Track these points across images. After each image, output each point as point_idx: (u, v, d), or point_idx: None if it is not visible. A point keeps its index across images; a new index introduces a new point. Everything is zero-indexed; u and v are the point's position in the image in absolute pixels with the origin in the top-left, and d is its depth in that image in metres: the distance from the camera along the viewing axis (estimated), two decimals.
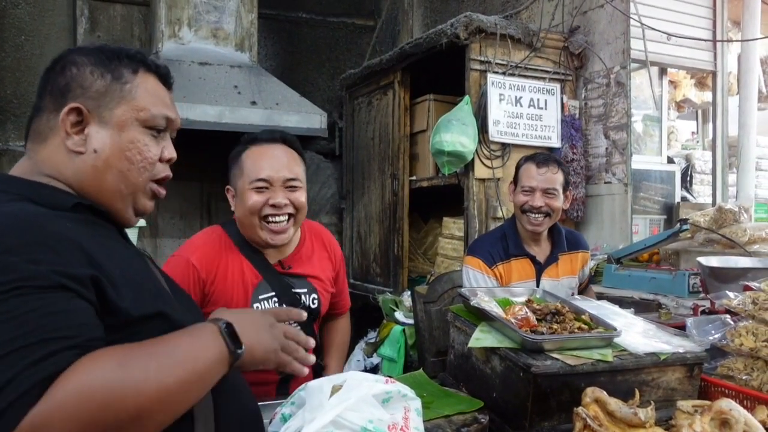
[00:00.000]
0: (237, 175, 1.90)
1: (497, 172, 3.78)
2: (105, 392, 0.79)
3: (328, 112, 4.99)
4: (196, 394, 0.93)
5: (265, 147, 1.91)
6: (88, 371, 0.79)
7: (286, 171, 1.88)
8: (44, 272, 0.85)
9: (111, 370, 0.81)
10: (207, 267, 1.86)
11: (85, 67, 1.08)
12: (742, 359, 1.72)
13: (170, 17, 4.44)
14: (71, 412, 0.77)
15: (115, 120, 1.07)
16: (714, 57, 4.39)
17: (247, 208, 1.85)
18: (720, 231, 3.05)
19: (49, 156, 1.07)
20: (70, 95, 1.06)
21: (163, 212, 5.20)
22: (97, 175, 1.06)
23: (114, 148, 1.07)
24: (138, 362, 0.84)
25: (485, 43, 3.78)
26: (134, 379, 0.82)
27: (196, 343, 0.94)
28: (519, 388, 1.49)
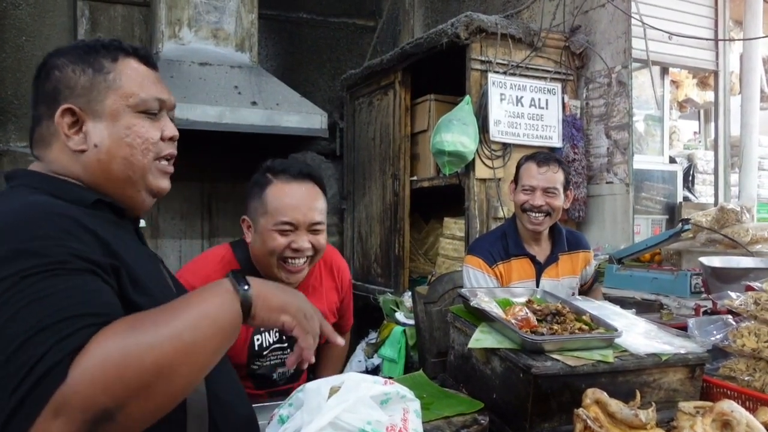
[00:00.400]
0: (259, 210, 1.81)
1: (498, 172, 3.77)
2: (121, 353, 0.81)
3: (328, 113, 4.98)
4: (215, 342, 0.92)
5: (293, 185, 1.81)
6: (104, 339, 0.82)
7: (312, 213, 1.81)
8: (74, 257, 0.88)
9: (124, 333, 0.83)
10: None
11: (66, 67, 1.09)
12: (744, 360, 1.70)
13: (170, 18, 4.44)
14: (94, 377, 0.79)
15: (107, 111, 1.08)
16: (716, 56, 4.37)
17: (268, 249, 1.79)
18: (722, 231, 3.04)
19: (56, 158, 1.09)
20: (60, 97, 1.07)
21: (164, 213, 5.20)
22: (104, 167, 1.08)
23: (113, 138, 1.08)
24: (147, 321, 0.86)
25: (486, 42, 3.77)
26: (146, 336, 0.84)
27: (203, 293, 0.95)
28: (519, 389, 1.48)
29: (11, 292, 0.83)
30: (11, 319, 0.82)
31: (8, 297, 0.83)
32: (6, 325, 0.82)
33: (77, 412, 0.78)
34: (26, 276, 0.84)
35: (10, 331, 0.81)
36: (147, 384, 0.82)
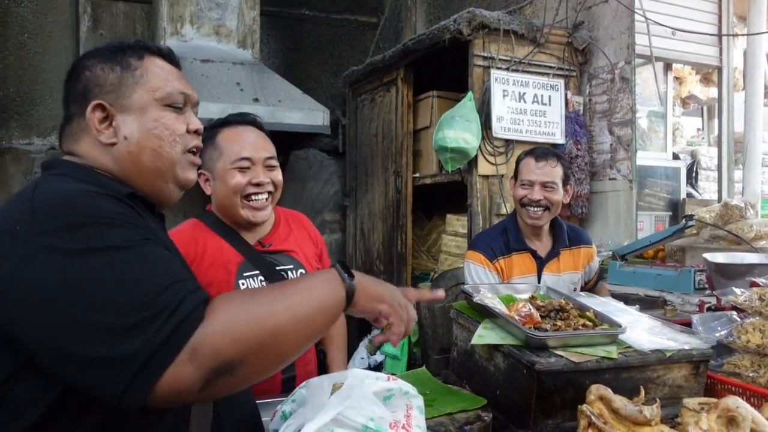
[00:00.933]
0: (214, 156, 1.90)
1: (501, 169, 3.75)
2: (247, 315, 0.91)
3: (331, 110, 4.97)
4: (320, 321, 1.01)
5: (240, 128, 1.95)
6: (228, 301, 0.93)
7: (264, 151, 1.93)
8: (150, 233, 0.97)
9: (247, 300, 0.94)
10: (183, 250, 1.78)
11: (95, 66, 1.13)
12: (748, 356, 1.69)
13: (172, 14, 4.43)
14: (223, 329, 0.88)
15: (136, 105, 1.12)
16: (719, 52, 4.36)
17: (230, 187, 1.88)
18: (726, 227, 3.03)
19: (86, 152, 1.13)
20: (91, 95, 1.12)
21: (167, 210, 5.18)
22: (134, 158, 1.12)
23: (142, 130, 1.12)
24: (265, 293, 0.98)
25: (488, 38, 3.76)
26: (267, 305, 0.94)
27: (314, 279, 1.05)
28: (522, 385, 1.48)
29: (122, 254, 0.90)
30: (133, 277, 0.88)
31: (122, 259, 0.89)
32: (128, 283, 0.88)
33: (207, 359, 0.86)
34: (130, 243, 0.91)
35: (136, 290, 0.87)
36: (264, 344, 0.92)
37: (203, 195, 1.97)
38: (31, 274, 0.87)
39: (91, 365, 0.85)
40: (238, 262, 1.90)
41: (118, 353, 0.83)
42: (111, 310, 0.85)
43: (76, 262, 0.87)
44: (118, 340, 0.83)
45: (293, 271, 1.96)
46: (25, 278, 0.87)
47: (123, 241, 0.91)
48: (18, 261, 0.88)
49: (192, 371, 0.85)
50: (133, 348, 0.83)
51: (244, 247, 1.94)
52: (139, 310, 0.85)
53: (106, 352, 0.83)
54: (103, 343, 0.83)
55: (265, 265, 1.93)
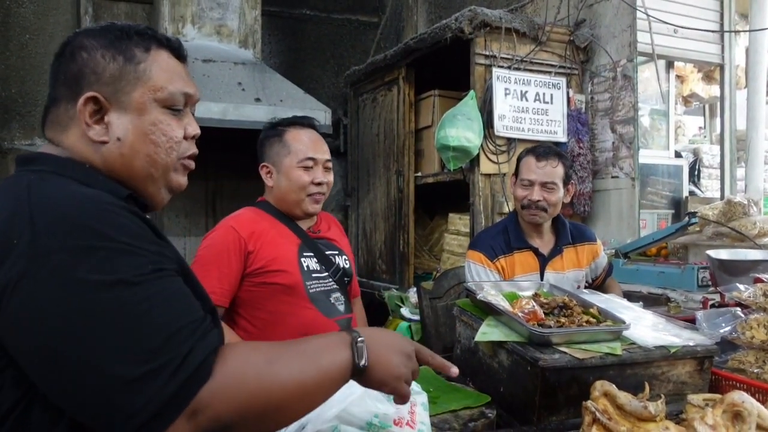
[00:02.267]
0: (282, 153, 2.11)
1: (503, 167, 3.75)
2: (257, 383, 0.87)
3: (332, 110, 4.96)
4: (324, 396, 0.98)
5: (306, 130, 2.16)
6: (242, 361, 0.88)
7: (326, 153, 2.16)
8: (162, 257, 0.91)
9: (262, 365, 0.89)
10: (247, 228, 2.03)
11: (96, 50, 1.02)
12: (753, 352, 1.69)
13: (174, 14, 4.43)
14: (229, 394, 0.84)
15: (134, 104, 1.03)
16: (721, 50, 4.35)
17: (298, 185, 2.09)
18: (729, 224, 3.02)
19: (73, 145, 1.03)
20: (85, 82, 1.01)
21: (168, 211, 5.19)
22: (126, 162, 1.03)
23: (137, 132, 1.03)
24: (283, 361, 0.91)
25: (490, 37, 3.75)
26: (280, 375, 0.89)
27: (331, 350, 0.98)
28: (526, 382, 1.47)
29: (132, 292, 0.83)
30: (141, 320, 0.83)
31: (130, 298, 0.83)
32: (136, 326, 0.82)
33: (205, 421, 0.82)
34: (141, 279, 0.85)
35: (144, 334, 0.82)
36: (265, 414, 0.88)
37: (205, 194, 2.03)
38: (30, 296, 0.81)
39: (89, 410, 0.81)
40: (298, 243, 2.11)
41: (121, 407, 0.79)
42: (115, 356, 0.80)
43: (82, 294, 0.82)
44: (122, 392, 0.79)
45: (339, 257, 2.21)
46: (24, 300, 0.81)
47: (133, 274, 0.84)
48: (16, 280, 0.81)
49: (187, 429, 0.81)
50: (138, 404, 0.79)
51: (300, 232, 2.15)
52: (146, 360, 0.80)
53: (108, 403, 0.80)
54: (105, 392, 0.80)
55: (317, 249, 2.16)
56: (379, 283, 4.78)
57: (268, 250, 2.03)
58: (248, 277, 2.01)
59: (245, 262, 2.00)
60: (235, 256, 1.98)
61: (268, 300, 2.02)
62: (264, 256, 2.01)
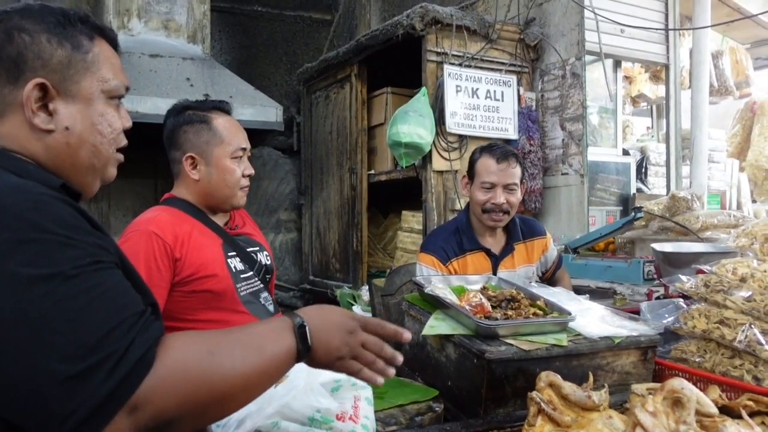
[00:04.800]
0: (212, 142, 1.91)
1: (455, 164, 3.76)
2: (199, 374, 0.85)
3: (285, 107, 4.91)
4: (268, 384, 0.98)
5: (230, 118, 1.99)
6: (183, 352, 0.86)
7: (248, 142, 2.01)
8: (100, 249, 0.88)
9: (204, 356, 0.87)
10: (170, 233, 1.82)
11: (39, 35, 0.99)
12: (695, 342, 1.72)
13: (118, 7, 4.30)
14: (170, 387, 0.82)
15: (83, 93, 1.01)
16: (666, 50, 4.46)
17: (233, 179, 1.93)
18: (673, 218, 3.09)
19: (10, 132, 0.98)
20: (27, 67, 0.97)
21: (115, 210, 5.06)
22: (71, 151, 1.02)
23: (85, 122, 1.02)
24: (226, 351, 0.89)
25: (441, 34, 3.76)
26: (222, 366, 0.87)
27: (273, 337, 0.97)
28: (473, 375, 1.47)
29: (67, 286, 0.80)
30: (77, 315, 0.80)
31: (66, 292, 0.80)
32: (72, 322, 0.79)
33: (147, 417, 0.80)
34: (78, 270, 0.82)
35: (79, 330, 0.79)
36: (208, 405, 0.87)
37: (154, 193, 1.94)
38: None
39: (23, 411, 0.78)
40: (221, 243, 1.93)
41: (56, 407, 0.76)
42: (51, 353, 0.77)
43: (17, 288, 0.79)
44: (57, 391, 0.76)
45: (260, 253, 2.05)
46: None
47: (71, 267, 0.81)
48: None
49: (127, 426, 0.79)
50: (74, 403, 0.76)
51: (220, 230, 1.97)
52: (83, 356, 0.78)
53: (43, 403, 0.76)
54: (40, 391, 0.76)
55: (239, 247, 1.98)
56: (332, 282, 4.74)
57: (195, 255, 1.83)
58: (176, 286, 1.80)
59: (173, 271, 1.80)
60: (164, 265, 1.77)
61: (199, 309, 1.83)
62: (192, 262, 1.82)
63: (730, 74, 6.33)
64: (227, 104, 2.03)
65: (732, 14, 5.02)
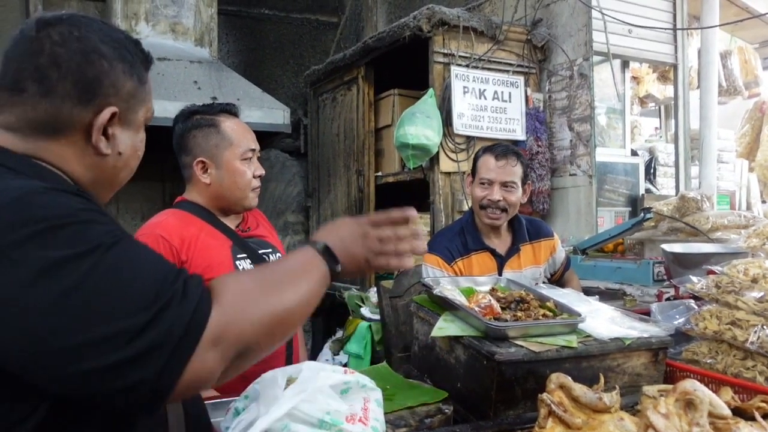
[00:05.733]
0: (221, 145, 1.93)
1: (462, 165, 3.75)
2: (260, 297, 0.92)
3: (292, 110, 4.91)
4: (314, 305, 1.04)
5: (238, 120, 2.01)
6: (236, 283, 0.94)
7: (257, 142, 2.03)
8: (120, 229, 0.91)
9: (255, 283, 0.96)
10: (177, 236, 1.84)
11: (116, 64, 1.01)
12: (706, 343, 1.71)
13: (126, 11, 4.32)
14: (240, 316, 0.88)
15: (136, 122, 1.08)
16: (675, 50, 4.44)
17: (244, 181, 1.95)
18: (683, 219, 3.07)
19: (60, 149, 0.99)
20: (102, 93, 0.99)
21: (124, 213, 5.07)
22: (115, 173, 1.08)
23: (132, 148, 1.09)
24: (268, 276, 1.00)
25: (448, 35, 3.76)
26: (274, 287, 0.96)
27: (309, 267, 1.05)
28: (483, 376, 1.46)
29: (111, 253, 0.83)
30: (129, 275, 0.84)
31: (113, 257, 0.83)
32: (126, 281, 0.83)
33: (231, 344, 0.86)
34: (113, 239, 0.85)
35: (136, 287, 0.83)
36: (277, 325, 0.94)
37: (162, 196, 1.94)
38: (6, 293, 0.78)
39: (106, 374, 0.78)
40: (230, 245, 1.95)
41: (139, 350, 0.79)
42: (121, 314, 0.80)
43: (66, 270, 0.80)
44: (137, 339, 0.79)
45: (272, 255, 2.06)
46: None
47: (108, 237, 0.85)
48: None
49: (215, 357, 0.84)
50: (157, 340, 0.80)
51: (230, 232, 1.99)
52: (150, 305, 0.82)
53: (125, 354, 0.78)
54: (120, 347, 0.78)
55: (250, 249, 1.99)
56: (340, 284, 4.73)
57: (201, 258, 1.84)
58: None
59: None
60: None
61: None
62: (198, 264, 1.82)
63: (739, 74, 6.30)
64: (235, 107, 2.04)
65: (740, 14, 4.99)
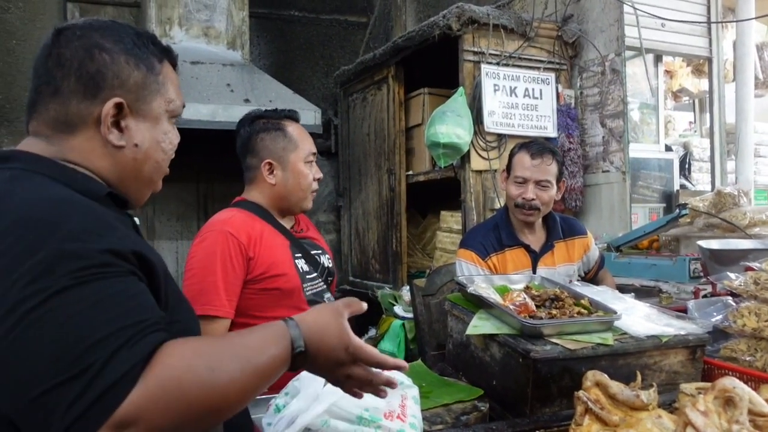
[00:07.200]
0: (288, 148, 2.04)
1: (494, 164, 3.75)
2: (196, 392, 0.82)
3: (323, 110, 4.95)
4: (263, 390, 0.95)
5: (299, 125, 2.12)
6: (180, 369, 0.82)
7: (316, 148, 2.15)
8: (113, 256, 0.87)
9: (203, 372, 0.83)
10: (244, 233, 1.92)
11: (119, 55, 1.03)
12: (745, 340, 1.69)
13: (160, 17, 4.40)
14: (164, 405, 0.79)
15: (153, 113, 1.08)
16: (709, 43, 4.36)
17: (307, 182, 2.07)
18: (719, 215, 3.02)
19: (80, 145, 1.02)
20: (106, 85, 1.02)
21: (160, 214, 5.17)
22: (137, 166, 1.08)
23: (152, 140, 1.08)
24: (224, 366, 0.86)
25: (478, 33, 3.75)
26: (221, 381, 0.84)
27: (271, 345, 0.93)
28: (518, 374, 1.47)
29: (60, 298, 0.80)
30: (63, 329, 0.78)
31: (56, 305, 0.79)
32: (60, 334, 0.78)
33: (141, 430, 0.77)
34: (74, 281, 0.81)
35: (64, 342, 0.77)
36: (204, 419, 0.84)
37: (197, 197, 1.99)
38: None
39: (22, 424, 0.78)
40: (288, 245, 2.04)
41: (39, 421, 0.75)
42: (36, 369, 0.76)
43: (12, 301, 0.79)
44: (33, 407, 0.75)
45: (322, 256, 2.15)
46: None
47: (68, 278, 0.81)
48: None
49: None
50: (53, 417, 0.74)
51: (287, 232, 2.07)
52: (62, 369, 0.76)
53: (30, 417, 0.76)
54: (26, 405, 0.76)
55: (304, 250, 2.08)
56: (372, 283, 4.76)
57: (267, 255, 1.93)
58: (249, 284, 1.90)
59: (246, 270, 1.90)
60: (238, 264, 1.87)
61: (268, 307, 1.91)
62: (264, 261, 1.92)
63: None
64: (296, 113, 2.16)
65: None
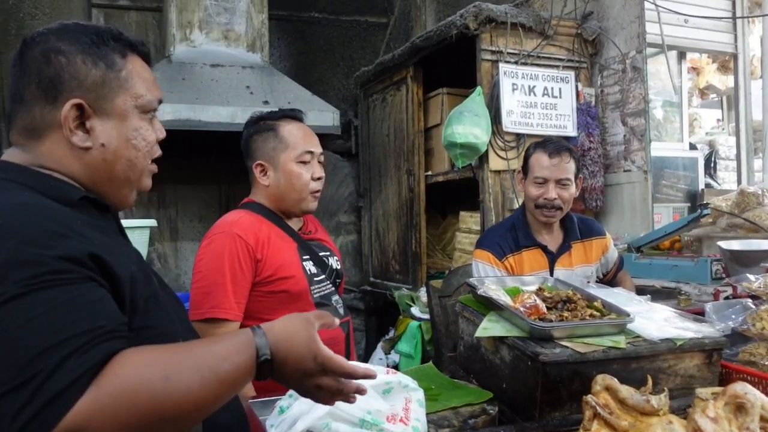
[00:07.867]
0: (278, 148, 1.99)
1: (512, 164, 3.71)
2: (149, 402, 0.79)
3: (343, 111, 4.95)
4: (225, 400, 0.92)
5: (298, 123, 2.06)
6: (133, 378, 0.80)
7: (319, 146, 2.06)
8: (69, 263, 0.85)
9: (158, 382, 0.81)
10: (252, 235, 1.91)
11: (74, 56, 1.03)
12: (764, 344, 1.65)
13: (181, 20, 4.44)
14: (114, 415, 0.77)
15: (117, 110, 1.05)
16: (734, 39, 4.28)
17: (302, 183, 1.99)
18: (742, 215, 2.95)
19: (49, 151, 1.03)
20: (65, 88, 1.02)
21: (182, 215, 5.22)
22: (108, 166, 1.06)
23: (120, 138, 1.06)
24: (182, 376, 0.83)
25: (496, 32, 3.72)
26: (177, 392, 0.82)
27: (236, 357, 0.91)
28: (528, 377, 1.45)
29: (10, 306, 0.79)
30: (12, 337, 0.77)
31: (5, 314, 0.78)
32: (9, 342, 0.77)
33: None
34: (26, 289, 0.80)
35: (13, 351, 0.77)
36: (155, 428, 0.81)
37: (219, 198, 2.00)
38: None
39: None
40: (295, 246, 2.01)
41: None
42: None
43: None
44: None
45: (330, 258, 2.11)
46: None
47: (18, 286, 0.79)
48: None
49: None
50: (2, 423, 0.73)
51: (294, 234, 2.04)
52: (9, 378, 0.74)
53: None
54: None
55: (312, 251, 2.05)
56: (392, 284, 4.76)
57: (275, 257, 1.92)
58: (257, 286, 1.89)
59: (255, 272, 1.89)
60: (247, 266, 1.86)
61: (275, 309, 1.86)
62: (272, 263, 1.90)
63: None
64: (299, 112, 2.10)
65: None
